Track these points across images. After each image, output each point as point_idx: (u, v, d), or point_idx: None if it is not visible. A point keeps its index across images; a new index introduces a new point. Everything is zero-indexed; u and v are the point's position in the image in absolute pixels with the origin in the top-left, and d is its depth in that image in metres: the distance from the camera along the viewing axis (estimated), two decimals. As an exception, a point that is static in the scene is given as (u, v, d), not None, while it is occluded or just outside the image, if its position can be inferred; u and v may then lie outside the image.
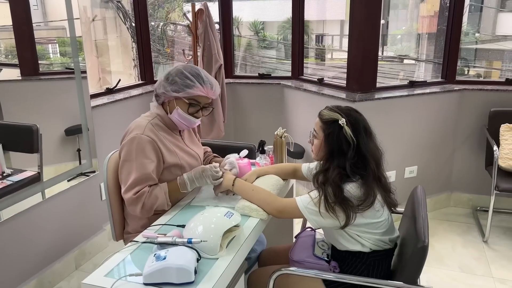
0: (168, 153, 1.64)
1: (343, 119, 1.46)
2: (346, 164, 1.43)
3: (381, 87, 3.07)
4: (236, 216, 1.34)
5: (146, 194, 1.54)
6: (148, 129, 1.62)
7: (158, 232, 1.41)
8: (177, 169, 1.66)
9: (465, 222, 3.14)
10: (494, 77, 5.24)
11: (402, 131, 3.03)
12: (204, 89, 1.66)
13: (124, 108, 3.02)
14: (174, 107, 1.66)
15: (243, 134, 3.75)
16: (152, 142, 1.59)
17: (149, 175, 1.56)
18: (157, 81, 1.70)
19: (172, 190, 1.61)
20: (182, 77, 1.63)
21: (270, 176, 1.75)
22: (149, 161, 1.57)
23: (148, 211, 1.56)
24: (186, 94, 1.64)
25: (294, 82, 3.51)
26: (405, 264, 1.38)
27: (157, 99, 1.69)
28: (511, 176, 2.78)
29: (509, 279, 2.46)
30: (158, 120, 1.69)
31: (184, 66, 1.68)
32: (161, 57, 5.34)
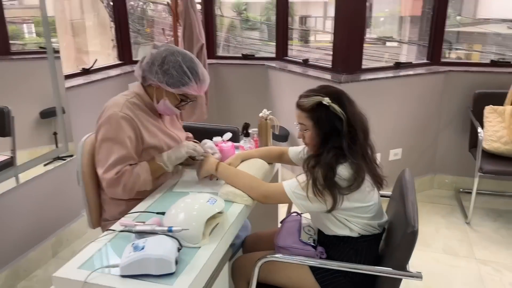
0: (147, 133, 1.55)
1: (326, 98, 1.40)
2: (343, 142, 1.37)
3: (366, 69, 3.01)
4: (220, 202, 1.27)
5: (128, 173, 1.46)
6: (126, 107, 1.53)
7: (136, 220, 1.33)
8: (156, 152, 1.58)
9: (448, 204, 3.15)
10: (476, 60, 5.26)
11: (387, 113, 3.00)
12: (198, 87, 1.58)
13: (101, 89, 2.90)
14: (162, 97, 1.57)
15: (227, 116, 3.66)
16: (130, 120, 1.51)
17: (130, 154, 1.49)
18: (146, 60, 1.56)
19: (152, 168, 1.53)
20: (180, 72, 1.52)
21: (255, 160, 1.69)
22: (129, 139, 1.49)
23: (130, 191, 1.48)
24: (180, 91, 1.56)
25: (278, 63, 3.42)
26: (394, 249, 1.34)
27: (143, 80, 1.59)
28: (494, 158, 2.79)
29: (491, 260, 2.48)
30: (137, 99, 1.59)
31: (183, 56, 1.55)
32: (140, 37, 5.17)
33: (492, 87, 3.03)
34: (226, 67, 3.55)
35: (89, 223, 1.68)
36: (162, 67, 1.52)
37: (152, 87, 1.58)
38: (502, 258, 2.49)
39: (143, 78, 1.58)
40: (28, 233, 2.36)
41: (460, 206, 3.11)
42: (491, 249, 2.59)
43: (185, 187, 1.59)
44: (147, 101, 1.60)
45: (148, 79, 1.56)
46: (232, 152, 1.76)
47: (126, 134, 1.48)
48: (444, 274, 2.38)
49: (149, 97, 1.60)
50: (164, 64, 1.52)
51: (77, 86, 2.73)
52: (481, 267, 2.42)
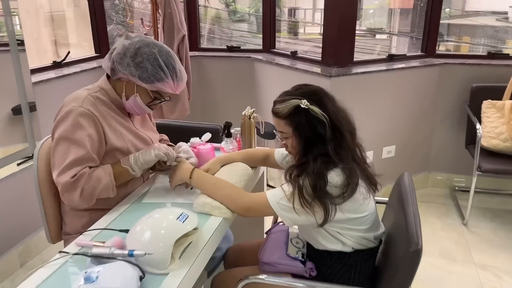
0: (112, 132, 1.36)
1: (303, 100, 1.22)
2: (328, 147, 1.20)
3: (358, 61, 2.84)
4: (192, 219, 1.09)
5: (86, 176, 1.26)
6: (88, 102, 1.33)
7: (96, 238, 1.14)
8: (122, 155, 1.39)
9: (443, 204, 3.01)
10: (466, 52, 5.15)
11: (380, 109, 2.83)
12: (175, 85, 1.39)
13: (74, 84, 2.64)
14: (133, 93, 1.38)
15: (211, 112, 3.46)
16: (92, 116, 1.31)
17: (90, 155, 1.29)
18: (117, 51, 1.36)
19: (116, 171, 1.33)
20: (156, 66, 1.33)
21: (237, 165, 1.50)
22: (89, 138, 1.29)
23: (89, 198, 1.28)
24: (154, 87, 1.36)
25: (265, 55, 3.23)
26: (395, 268, 1.18)
27: (112, 73, 1.39)
28: (493, 156, 2.64)
29: (490, 264, 2.34)
30: (102, 94, 1.40)
31: (159, 49, 1.36)
32: (123, 29, 4.94)
33: (490, 80, 2.88)
34: (210, 60, 3.35)
35: (48, 238, 1.48)
36: (135, 59, 1.33)
37: (121, 82, 1.39)
38: (501, 262, 2.36)
39: (112, 70, 1.38)
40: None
41: (456, 205, 2.97)
42: (490, 252, 2.45)
43: (156, 198, 1.40)
44: (114, 97, 1.41)
45: (118, 71, 1.36)
46: (211, 155, 1.57)
47: (86, 132, 1.28)
48: (441, 281, 2.23)
49: (116, 93, 1.41)
50: (138, 56, 1.33)
51: (47, 80, 2.51)
52: (480, 272, 2.28)
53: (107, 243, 1.06)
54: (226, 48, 3.43)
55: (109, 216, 1.28)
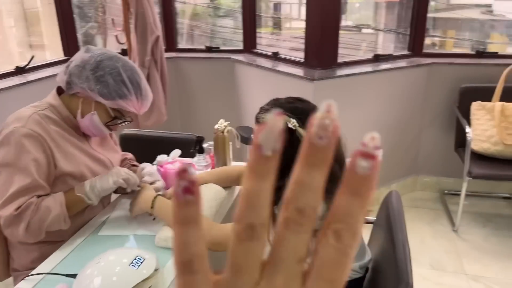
0: (62, 156, 1.20)
1: (292, 120, 1.08)
2: None
3: (342, 62, 2.70)
4: (149, 262, 0.94)
5: (33, 207, 1.11)
6: (33, 121, 1.18)
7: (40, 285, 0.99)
8: (75, 181, 1.23)
9: (433, 208, 2.90)
10: (449, 47, 5.06)
11: (366, 112, 2.70)
12: (138, 104, 1.25)
13: (40, 91, 2.46)
14: (90, 111, 1.23)
15: (190, 117, 3.30)
16: (37, 137, 1.15)
17: (37, 183, 1.14)
18: (75, 63, 1.22)
19: (70, 200, 1.18)
20: (118, 82, 1.20)
21: (208, 187, 1.35)
22: (34, 163, 1.14)
23: (36, 232, 1.13)
24: (115, 104, 1.22)
25: (246, 56, 3.08)
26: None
27: (68, 87, 1.23)
28: (483, 160, 2.54)
29: (482, 275, 2.24)
30: (51, 111, 1.24)
31: (123, 63, 1.23)
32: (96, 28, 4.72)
33: (479, 80, 2.77)
34: (188, 61, 3.18)
35: (-6, 275, 1.32)
36: (95, 72, 1.19)
37: (77, 98, 1.24)
38: (493, 272, 2.25)
39: (67, 84, 1.23)
40: None
41: (445, 210, 2.86)
42: (482, 261, 2.34)
43: (115, 229, 1.24)
44: (65, 115, 1.25)
45: (75, 85, 1.21)
46: (179, 176, 1.42)
47: (31, 156, 1.13)
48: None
49: (69, 110, 1.25)
50: (99, 70, 1.20)
51: (9, 88, 2.33)
52: (472, 284, 2.18)
53: (51, 292, 0.91)
54: (204, 48, 3.26)
55: (59, 253, 1.13)
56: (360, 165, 0.22)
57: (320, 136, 0.22)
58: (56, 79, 1.27)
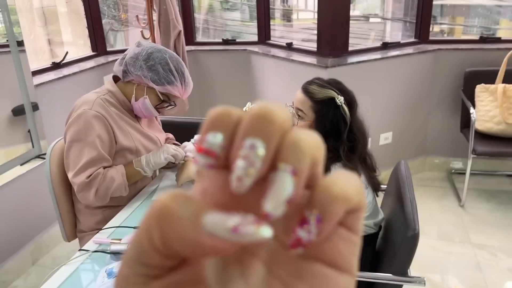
0: (121, 133, 1.42)
1: (340, 97, 1.29)
2: (341, 147, 1.27)
3: (353, 50, 2.88)
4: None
5: (101, 177, 1.34)
6: (97, 104, 1.39)
7: (112, 236, 1.21)
8: (132, 155, 1.46)
9: (440, 187, 3.09)
10: (458, 34, 5.18)
11: (376, 97, 2.89)
12: (182, 90, 1.47)
13: (74, 84, 2.72)
14: (142, 95, 1.45)
15: (210, 106, 3.50)
16: (102, 118, 1.37)
17: (103, 156, 1.36)
18: (129, 55, 1.44)
19: (129, 172, 1.41)
20: (166, 69, 1.41)
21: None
22: (99, 140, 1.36)
23: (103, 197, 1.36)
24: (164, 89, 1.43)
25: (261, 47, 3.27)
26: (393, 253, 1.25)
27: (124, 75, 1.45)
28: (487, 139, 2.71)
29: (486, 244, 2.43)
30: (110, 96, 1.46)
31: (170, 55, 1.45)
32: (116, 24, 4.93)
33: (483, 64, 2.93)
34: (206, 54, 3.39)
35: (64, 236, 1.55)
36: (147, 62, 1.41)
37: (132, 84, 1.46)
38: (497, 241, 2.44)
39: (123, 73, 1.45)
40: (4, 241, 2.22)
41: (453, 188, 3.05)
42: (486, 232, 2.53)
43: (165, 195, 1.46)
44: (122, 99, 1.47)
45: (130, 73, 1.43)
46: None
47: (96, 133, 1.35)
48: (440, 261, 2.32)
49: (124, 95, 1.47)
50: (150, 60, 1.41)
51: (49, 82, 2.55)
52: (477, 252, 2.37)
53: (123, 240, 1.12)
54: (221, 41, 3.46)
55: (122, 214, 1.35)
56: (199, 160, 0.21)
57: None
58: (113, 69, 1.49)
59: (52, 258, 2.44)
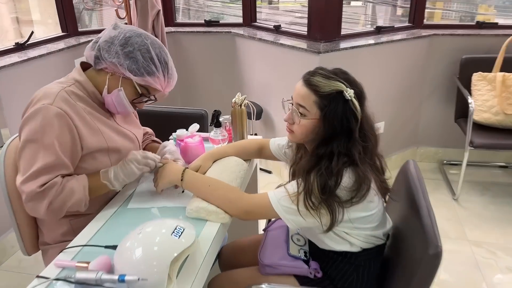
0: (89, 132, 1.20)
1: (350, 90, 1.10)
2: (353, 148, 1.09)
3: (346, 35, 2.70)
4: (189, 232, 0.96)
5: (58, 187, 1.11)
6: (60, 98, 1.16)
7: (78, 257, 1.01)
8: (104, 155, 1.24)
9: (433, 178, 2.97)
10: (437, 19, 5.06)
11: (369, 84, 2.67)
12: (165, 83, 1.25)
13: (41, 68, 2.46)
14: (117, 86, 1.22)
15: (191, 93, 3.29)
16: (65, 116, 1.14)
17: (62, 162, 1.14)
18: (104, 39, 1.21)
19: (94, 185, 1.19)
20: (147, 58, 1.19)
21: (230, 160, 1.37)
22: (61, 142, 1.14)
23: (57, 211, 1.14)
24: (143, 81, 1.21)
25: (246, 30, 3.05)
26: (410, 272, 1.09)
27: (96, 62, 1.22)
28: (484, 130, 2.59)
29: (483, 240, 2.32)
30: (77, 87, 1.23)
31: (151, 41, 1.23)
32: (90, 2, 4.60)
33: (480, 51, 2.79)
34: (187, 36, 3.14)
35: (22, 250, 1.33)
36: (124, 48, 1.19)
37: (104, 73, 1.23)
38: (494, 238, 2.34)
39: (96, 59, 1.22)
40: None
41: (445, 180, 2.94)
42: (482, 228, 2.43)
43: (143, 202, 1.25)
44: (91, 91, 1.24)
45: (104, 60, 1.20)
46: (201, 150, 1.44)
47: (56, 134, 1.13)
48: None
49: (94, 86, 1.24)
50: (128, 45, 1.19)
51: (11, 65, 2.28)
52: (474, 249, 2.26)
53: (92, 263, 0.93)
54: (204, 22, 3.22)
55: (92, 226, 1.14)
56: None
57: None
58: (84, 54, 1.25)
59: (18, 260, 2.22)
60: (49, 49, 2.55)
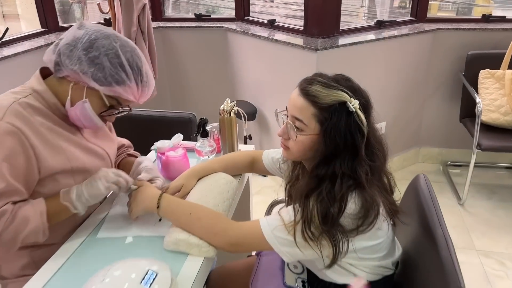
0: (49, 151, 1.03)
1: (354, 101, 0.93)
2: (359, 168, 0.93)
3: (345, 30, 2.53)
4: (163, 278, 0.80)
5: (8, 216, 0.94)
6: (12, 112, 0.98)
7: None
8: (67, 177, 1.07)
9: (436, 181, 2.82)
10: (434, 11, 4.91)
11: (369, 83, 2.51)
12: (138, 92, 1.07)
13: (16, 68, 2.28)
14: (81, 98, 1.04)
15: (181, 92, 3.11)
16: (17, 133, 0.97)
17: (12, 187, 0.96)
18: (65, 41, 1.03)
19: (53, 209, 1.01)
20: (116, 64, 1.02)
21: (217, 178, 1.20)
22: (12, 164, 0.96)
23: (10, 243, 0.96)
24: (111, 91, 1.04)
25: (239, 24, 2.87)
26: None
27: (57, 69, 1.04)
28: (492, 131, 2.44)
29: (492, 250, 2.18)
30: (35, 98, 1.05)
31: (122, 43, 1.04)
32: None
33: (486, 47, 2.63)
34: (176, 31, 2.96)
35: (-22, 284, 1.17)
36: (88, 52, 1.01)
37: (67, 82, 1.05)
38: (503, 247, 2.20)
39: (56, 65, 1.04)
40: None
41: (449, 183, 2.79)
42: (491, 235, 2.28)
43: (115, 230, 1.08)
44: (52, 103, 1.06)
45: (65, 67, 1.02)
46: (185, 165, 1.27)
47: (4, 155, 0.94)
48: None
49: (55, 96, 1.07)
50: (92, 49, 1.01)
51: (-18, 65, 2.11)
52: (483, 260, 2.12)
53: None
54: (194, 16, 3.03)
55: (56, 259, 0.98)
56: None
57: None
58: (43, 58, 1.07)
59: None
60: (26, 47, 2.37)
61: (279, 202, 1.44)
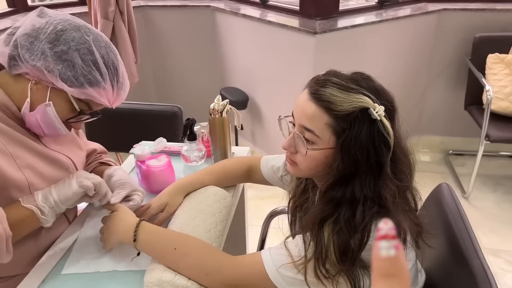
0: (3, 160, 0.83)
1: (379, 107, 0.74)
2: (384, 189, 0.74)
3: (344, 10, 2.31)
4: None
5: None
6: None
7: None
8: (21, 193, 0.86)
9: (438, 172, 2.67)
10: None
11: (370, 68, 2.34)
12: (114, 95, 0.88)
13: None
14: (43, 100, 0.84)
15: (165, 79, 2.87)
16: None
17: None
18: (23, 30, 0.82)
19: (15, 216, 0.81)
20: (89, 63, 0.83)
21: (207, 193, 1.00)
22: None
23: None
24: (82, 94, 0.84)
25: (228, 3, 2.63)
26: None
27: (12, 64, 0.83)
28: (500, 120, 2.28)
29: (501, 248, 2.05)
30: None
31: (95, 37, 0.85)
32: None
33: (496, 29, 2.45)
34: (159, 11, 2.71)
35: None
36: (55, 46, 0.81)
37: (25, 80, 0.84)
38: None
39: (11, 59, 0.83)
40: None
41: (452, 173, 2.64)
42: (498, 232, 2.15)
43: (84, 264, 0.88)
44: (2, 103, 0.85)
45: (23, 62, 0.82)
46: (168, 176, 1.07)
47: None
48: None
49: (8, 96, 0.85)
50: (60, 43, 0.81)
51: None
52: (491, 260, 1.99)
53: None
54: (178, -5, 2.78)
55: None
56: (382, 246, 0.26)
57: None
58: None
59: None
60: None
61: (279, 212, 1.26)
